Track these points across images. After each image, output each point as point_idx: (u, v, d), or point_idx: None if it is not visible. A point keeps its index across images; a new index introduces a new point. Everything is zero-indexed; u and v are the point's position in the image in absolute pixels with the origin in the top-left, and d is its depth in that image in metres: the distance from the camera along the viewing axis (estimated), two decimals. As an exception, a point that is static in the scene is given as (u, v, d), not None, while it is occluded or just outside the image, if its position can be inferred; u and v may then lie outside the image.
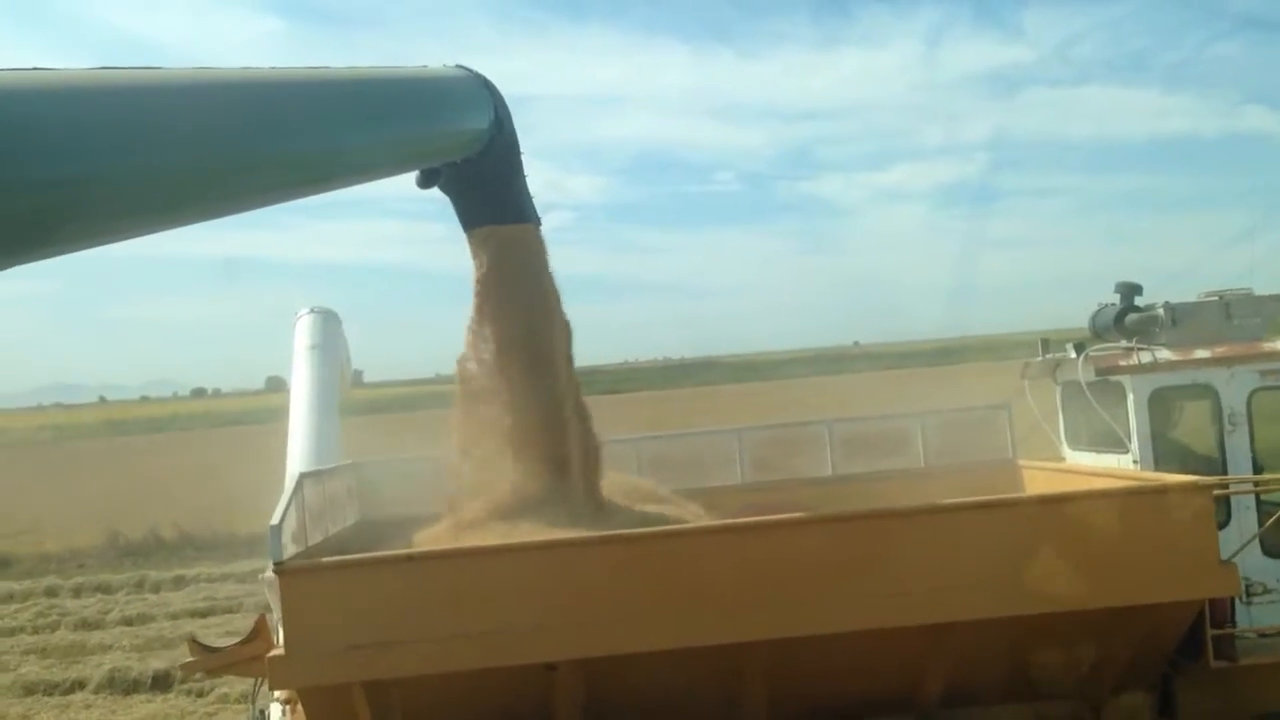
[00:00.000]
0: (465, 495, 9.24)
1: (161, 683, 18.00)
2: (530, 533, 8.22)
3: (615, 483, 10.32)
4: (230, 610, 22.46)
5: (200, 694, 17.25)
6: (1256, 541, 9.29)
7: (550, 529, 8.23)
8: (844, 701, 8.10)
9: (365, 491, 11.46)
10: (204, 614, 22.66)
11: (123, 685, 18.18)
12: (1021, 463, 11.75)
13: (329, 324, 13.72)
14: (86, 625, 22.79)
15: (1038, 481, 11.15)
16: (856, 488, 11.31)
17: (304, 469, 10.64)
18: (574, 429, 9.55)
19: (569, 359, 9.81)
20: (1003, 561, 7.73)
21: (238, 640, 7.67)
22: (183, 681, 17.50)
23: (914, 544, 7.84)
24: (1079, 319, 11.75)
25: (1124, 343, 10.49)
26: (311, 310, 13.81)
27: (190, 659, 7.75)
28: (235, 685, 16.33)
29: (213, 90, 5.67)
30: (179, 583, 26.22)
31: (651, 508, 9.78)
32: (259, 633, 7.51)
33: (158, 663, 18.72)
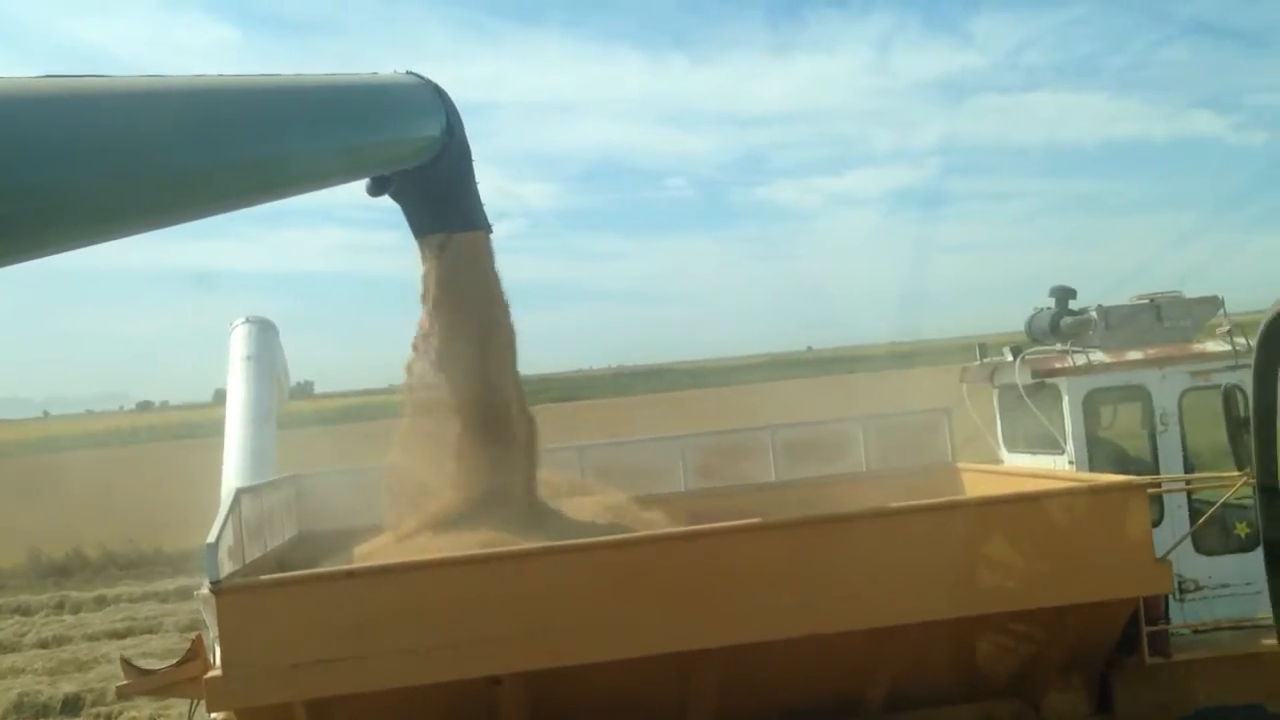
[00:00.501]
0: (408, 504, 9.15)
1: (71, 707, 17.30)
2: (472, 544, 8.15)
3: (570, 489, 10.27)
4: (150, 631, 21.74)
5: (110, 718, 16.76)
6: (1189, 540, 9.48)
7: (492, 539, 8.16)
8: (791, 706, 8.12)
9: (305, 504, 11.27)
10: (122, 635, 21.72)
11: (31, 710, 17.42)
12: (961, 466, 11.90)
13: (265, 334, 13.46)
14: (1, 648, 22.05)
15: (976, 484, 11.28)
16: (799, 493, 11.36)
17: (239, 483, 10.44)
18: (519, 437, 9.48)
19: (514, 367, 9.76)
20: (943, 564, 7.82)
21: (174, 661, 7.49)
22: (93, 705, 16.95)
23: (854, 549, 7.89)
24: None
25: (1059, 346, 10.66)
26: (247, 320, 13.55)
27: (125, 682, 7.55)
28: (145, 709, 15.94)
29: (162, 98, 5.54)
30: (100, 603, 25.19)
31: (602, 517, 9.72)
32: (196, 653, 7.34)
33: (69, 686, 17.97)
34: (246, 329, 13.39)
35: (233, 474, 11.27)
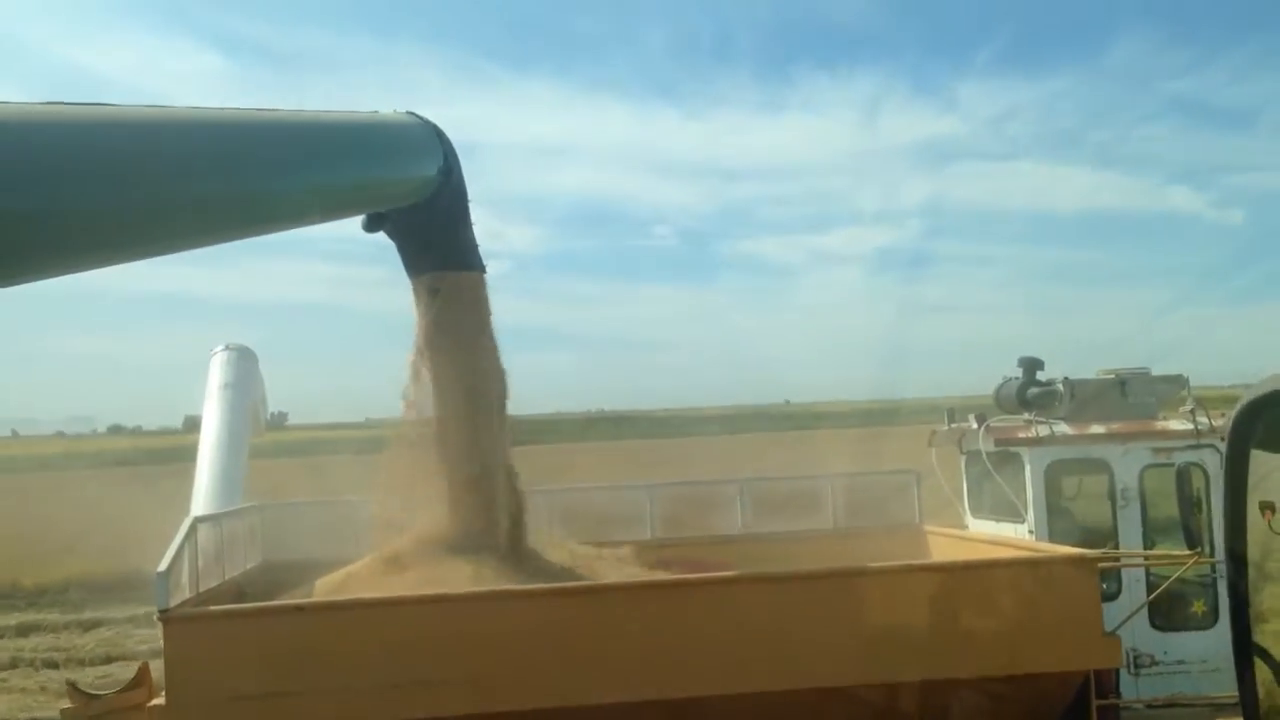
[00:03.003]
0: (390, 538, 9.16)
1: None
2: (443, 581, 8.16)
3: (549, 540, 10.27)
4: (49, 666, 19.82)
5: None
6: (1146, 615, 9.52)
7: (470, 579, 8.18)
8: None
9: (269, 534, 11.27)
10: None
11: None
12: (927, 529, 11.94)
13: (244, 362, 13.52)
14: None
15: (941, 547, 11.33)
16: (765, 548, 11.39)
17: (208, 510, 10.48)
18: (503, 477, 9.52)
19: (503, 408, 9.80)
20: (894, 627, 7.86)
21: (119, 688, 7.49)
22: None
23: (808, 607, 7.94)
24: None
25: (1025, 416, 10.76)
26: (227, 347, 13.62)
27: (69, 705, 7.55)
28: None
29: (161, 129, 5.62)
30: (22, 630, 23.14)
31: (575, 564, 9.70)
32: (141, 680, 7.34)
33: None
34: (225, 356, 13.45)
35: (201, 501, 11.29)
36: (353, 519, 10.17)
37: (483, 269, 9.75)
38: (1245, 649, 3.10)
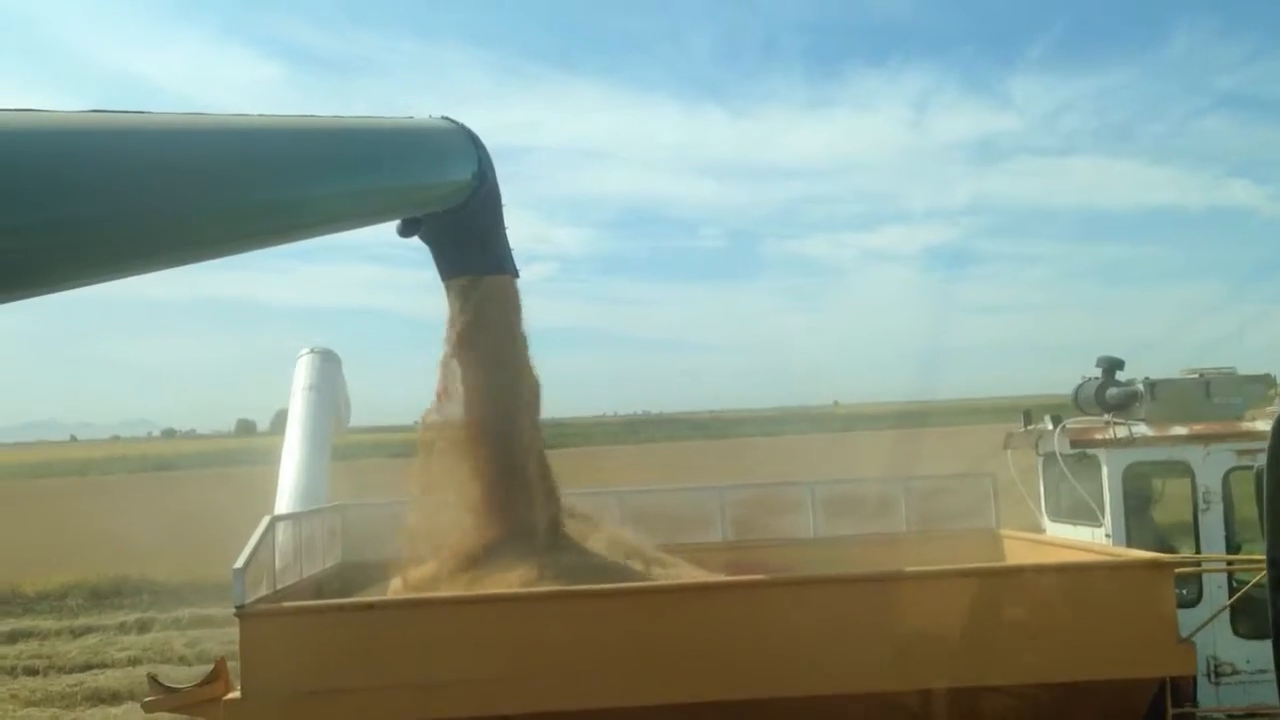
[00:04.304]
0: (427, 542, 9.33)
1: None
2: (492, 583, 8.31)
3: (600, 537, 10.37)
4: (29, 673, 19.43)
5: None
6: (1228, 622, 9.23)
7: (511, 579, 8.31)
8: None
9: (350, 534, 11.55)
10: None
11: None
12: (1003, 532, 11.74)
13: (327, 365, 13.86)
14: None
15: (1017, 552, 11.13)
16: (837, 550, 11.30)
17: (290, 510, 10.78)
18: (537, 480, 9.64)
19: (537, 410, 9.91)
20: (966, 631, 7.76)
21: (197, 681, 7.77)
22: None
23: (880, 610, 7.89)
24: (1059, 386, 11.79)
25: (1104, 417, 10.51)
26: (311, 350, 13.98)
27: (151, 698, 7.86)
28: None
29: (199, 136, 5.78)
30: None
31: (631, 560, 9.78)
32: (218, 674, 7.61)
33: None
34: (310, 359, 13.81)
35: (284, 500, 11.60)
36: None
37: (516, 273, 9.84)
38: None
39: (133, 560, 26.55)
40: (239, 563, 7.51)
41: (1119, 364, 10.87)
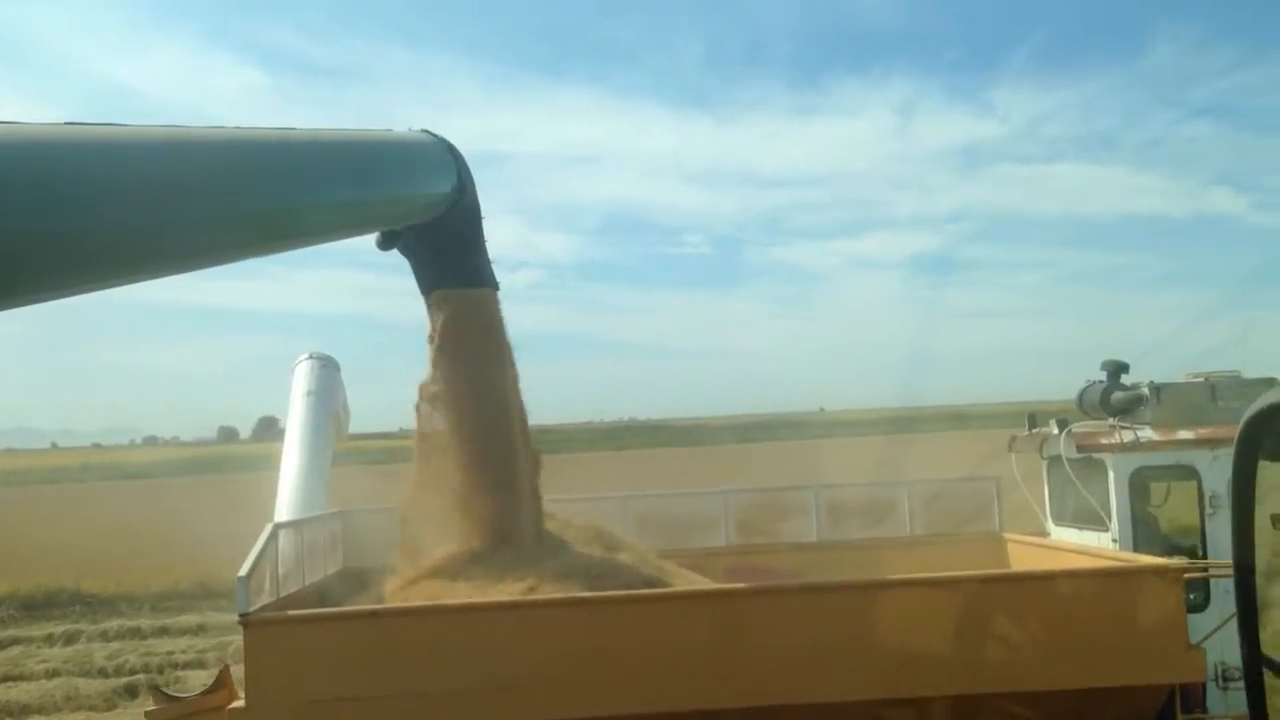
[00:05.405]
0: (415, 549, 9.31)
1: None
2: (491, 590, 8.25)
3: (577, 532, 10.33)
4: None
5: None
6: (1235, 626, 9.18)
7: (511, 587, 8.26)
8: None
9: (351, 539, 11.50)
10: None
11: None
12: (1007, 536, 11.70)
13: (326, 371, 13.81)
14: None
15: (1022, 556, 11.09)
16: (841, 555, 11.28)
17: (291, 515, 10.72)
18: (525, 486, 9.64)
19: (523, 419, 9.89)
20: (974, 637, 7.72)
21: (200, 690, 7.71)
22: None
23: (887, 617, 7.84)
24: (1049, 391, 11.78)
25: (1109, 420, 10.47)
26: (310, 356, 13.92)
27: (154, 707, 7.80)
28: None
29: (178, 149, 5.74)
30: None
31: (613, 556, 9.73)
32: (222, 683, 7.55)
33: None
34: (309, 365, 13.76)
35: (285, 506, 11.54)
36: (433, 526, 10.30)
37: (495, 285, 9.79)
38: (1255, 662, 3.02)
39: (69, 571, 26.22)
40: (243, 571, 7.45)
41: (1124, 367, 10.83)
